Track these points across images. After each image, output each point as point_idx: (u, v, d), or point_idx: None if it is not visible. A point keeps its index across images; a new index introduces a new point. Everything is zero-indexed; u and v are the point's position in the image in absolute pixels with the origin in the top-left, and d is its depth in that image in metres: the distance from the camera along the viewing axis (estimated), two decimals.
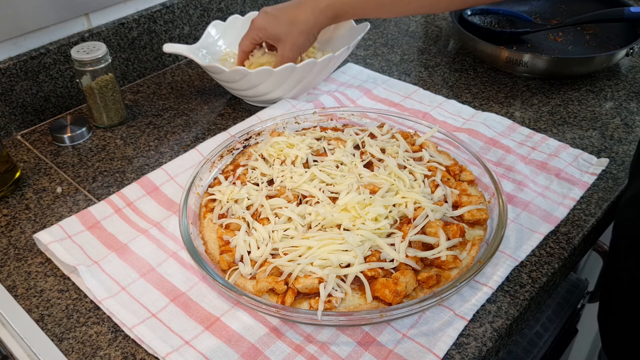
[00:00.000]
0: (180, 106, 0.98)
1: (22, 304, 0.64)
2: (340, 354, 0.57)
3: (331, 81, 1.01)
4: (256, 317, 0.61)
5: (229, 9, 1.14)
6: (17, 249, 0.71)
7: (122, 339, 0.60)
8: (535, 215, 0.72)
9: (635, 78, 1.01)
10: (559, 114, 0.92)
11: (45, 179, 0.83)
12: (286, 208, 0.67)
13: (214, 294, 0.64)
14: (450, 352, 0.58)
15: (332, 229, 0.65)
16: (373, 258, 0.61)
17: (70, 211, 0.76)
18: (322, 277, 0.59)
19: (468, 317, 0.60)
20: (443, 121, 0.89)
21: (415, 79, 1.02)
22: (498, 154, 0.82)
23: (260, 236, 0.64)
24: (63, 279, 0.67)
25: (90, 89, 0.88)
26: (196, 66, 1.09)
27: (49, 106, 0.95)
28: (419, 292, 0.61)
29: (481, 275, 0.65)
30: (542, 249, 0.69)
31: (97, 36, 0.96)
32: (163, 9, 1.03)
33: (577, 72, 0.98)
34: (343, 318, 0.57)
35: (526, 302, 0.63)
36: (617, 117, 0.90)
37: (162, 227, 0.72)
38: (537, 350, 0.89)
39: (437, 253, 0.62)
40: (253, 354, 0.57)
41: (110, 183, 0.81)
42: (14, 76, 0.88)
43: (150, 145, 0.89)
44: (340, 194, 0.68)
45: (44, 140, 0.91)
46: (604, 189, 0.77)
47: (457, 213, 0.68)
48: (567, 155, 0.81)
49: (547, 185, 0.77)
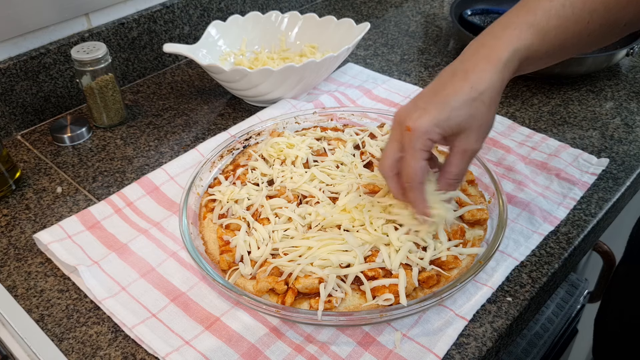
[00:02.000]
0: (180, 106, 0.98)
1: (22, 304, 0.64)
2: (340, 354, 0.57)
3: (331, 81, 1.01)
4: (256, 317, 0.61)
5: (229, 9, 1.14)
6: (17, 249, 0.71)
7: (122, 339, 0.60)
8: (535, 215, 0.72)
9: (636, 78, 1.01)
10: (559, 114, 0.92)
11: (45, 179, 0.83)
12: (286, 208, 0.67)
13: (214, 294, 0.64)
14: (450, 352, 0.58)
15: (332, 229, 0.65)
16: (373, 258, 0.61)
17: (70, 211, 0.76)
18: (323, 277, 0.59)
19: (468, 317, 0.60)
20: None
21: (416, 79, 1.02)
22: (498, 154, 0.82)
23: (261, 236, 0.64)
24: (63, 279, 0.67)
25: (90, 89, 0.88)
26: (196, 66, 1.09)
27: (49, 106, 0.95)
28: (419, 292, 0.61)
29: (481, 275, 0.65)
30: (542, 249, 0.69)
31: (97, 36, 0.96)
32: (163, 9, 1.03)
33: (577, 72, 0.98)
34: (343, 318, 0.57)
35: (526, 302, 0.63)
36: (617, 117, 0.90)
37: (162, 227, 0.72)
38: (536, 350, 0.89)
39: (437, 253, 0.62)
40: (253, 354, 0.57)
41: (110, 183, 0.81)
42: (14, 76, 0.88)
43: (150, 145, 0.89)
44: (340, 195, 0.68)
45: (44, 140, 0.91)
46: (604, 189, 0.77)
47: (457, 213, 0.68)
48: (567, 155, 0.81)
49: (547, 185, 0.77)
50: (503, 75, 0.57)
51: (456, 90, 0.56)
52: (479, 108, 0.56)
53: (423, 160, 0.56)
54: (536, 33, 0.58)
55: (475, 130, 0.57)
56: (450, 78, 0.57)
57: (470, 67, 0.57)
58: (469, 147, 0.57)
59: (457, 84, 0.56)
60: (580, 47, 0.62)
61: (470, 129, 0.57)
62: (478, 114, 0.56)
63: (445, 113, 0.55)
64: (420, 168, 0.57)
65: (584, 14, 0.58)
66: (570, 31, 0.59)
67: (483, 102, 0.56)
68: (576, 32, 0.59)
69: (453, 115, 0.55)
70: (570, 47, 0.61)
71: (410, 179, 0.57)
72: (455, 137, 0.57)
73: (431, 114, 0.55)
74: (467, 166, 0.60)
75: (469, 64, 0.57)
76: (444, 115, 0.55)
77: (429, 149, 0.57)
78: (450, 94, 0.56)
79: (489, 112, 0.57)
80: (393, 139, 0.58)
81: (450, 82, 0.57)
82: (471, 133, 0.57)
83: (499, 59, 0.57)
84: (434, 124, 0.55)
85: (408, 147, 0.56)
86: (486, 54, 0.57)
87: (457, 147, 0.58)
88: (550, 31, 0.58)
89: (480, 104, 0.56)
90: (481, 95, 0.56)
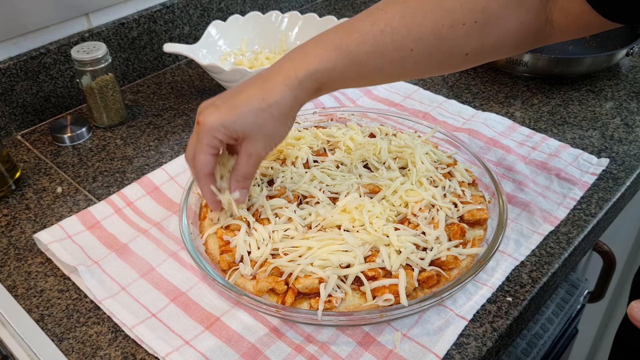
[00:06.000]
0: (180, 106, 0.98)
1: (22, 304, 0.64)
2: (340, 354, 0.57)
3: None
4: (256, 317, 0.61)
5: (229, 9, 1.14)
6: (17, 249, 0.71)
7: (122, 339, 0.60)
8: (535, 215, 0.72)
9: (635, 78, 1.01)
10: (559, 114, 0.92)
11: (45, 179, 0.83)
12: (286, 208, 0.67)
13: (214, 294, 0.64)
14: (450, 352, 0.58)
15: (332, 230, 0.65)
16: (373, 258, 0.61)
17: (70, 211, 0.76)
18: (323, 277, 0.59)
19: (468, 317, 0.60)
20: (443, 121, 0.89)
21: (416, 79, 1.02)
22: (498, 154, 0.82)
23: (261, 236, 0.64)
24: (63, 279, 0.67)
25: (90, 89, 0.88)
26: (196, 66, 1.09)
27: (49, 106, 0.95)
28: (419, 292, 0.61)
29: (481, 275, 0.65)
30: (542, 249, 0.69)
31: (97, 36, 0.96)
32: (163, 9, 1.03)
33: (577, 72, 0.98)
34: (343, 318, 0.57)
35: (526, 302, 0.63)
36: (617, 117, 0.90)
37: (162, 227, 0.72)
38: (536, 350, 0.89)
39: (437, 253, 0.62)
40: (253, 354, 0.57)
41: (110, 183, 0.81)
42: (14, 76, 0.88)
43: (150, 145, 0.89)
44: (340, 195, 0.68)
45: (44, 140, 0.91)
46: (604, 189, 0.77)
47: (458, 214, 0.68)
48: (567, 155, 0.81)
49: (547, 185, 0.77)
50: (297, 94, 0.59)
51: (249, 97, 0.58)
52: (265, 119, 0.58)
53: (209, 154, 0.60)
54: (342, 56, 0.58)
55: (261, 138, 0.60)
56: (251, 84, 0.60)
57: (269, 78, 0.59)
58: (254, 152, 0.60)
59: (252, 91, 0.59)
60: (409, 73, 0.62)
61: (256, 136, 0.59)
62: (264, 124, 0.59)
63: (232, 116, 0.58)
64: (205, 161, 0.60)
65: (407, 41, 0.58)
66: (388, 58, 0.59)
67: (271, 114, 0.58)
68: (396, 59, 0.59)
69: (239, 121, 0.58)
70: (393, 72, 0.61)
71: (197, 170, 0.61)
72: (243, 141, 0.60)
73: (221, 113, 0.58)
74: (253, 168, 0.62)
75: (270, 75, 0.59)
76: (232, 118, 0.58)
77: (215, 146, 0.59)
78: (243, 99, 0.58)
79: (276, 124, 0.59)
80: (193, 131, 0.61)
81: (248, 88, 0.59)
82: (257, 140, 0.60)
83: (295, 77, 0.58)
84: (220, 124, 0.58)
85: (198, 140, 0.59)
86: (287, 69, 0.59)
87: (244, 150, 0.61)
88: (362, 55, 0.58)
89: (268, 115, 0.58)
90: (269, 107, 0.58)
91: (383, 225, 0.63)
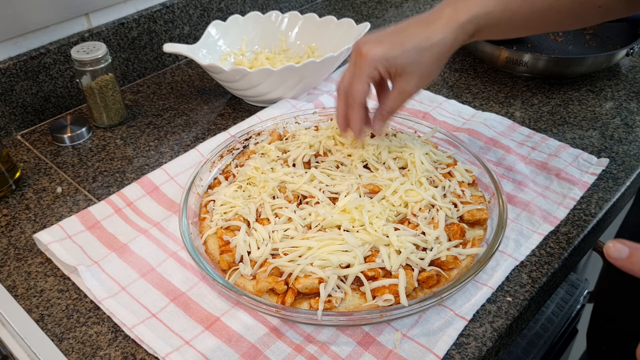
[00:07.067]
0: (180, 106, 0.98)
1: (22, 304, 0.64)
2: (340, 354, 0.57)
3: (331, 81, 1.01)
4: (256, 317, 0.61)
5: (229, 9, 1.14)
6: (17, 249, 0.71)
7: (122, 339, 0.60)
8: (535, 215, 0.72)
9: (635, 78, 1.01)
10: (559, 114, 0.92)
11: (45, 179, 0.83)
12: (286, 208, 0.67)
13: (214, 294, 0.64)
14: (450, 352, 0.58)
15: (332, 230, 0.65)
16: (373, 258, 0.61)
17: (70, 211, 0.76)
18: (323, 277, 0.59)
19: (468, 317, 0.60)
20: (443, 121, 0.89)
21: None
22: (498, 154, 0.82)
23: (260, 236, 0.64)
24: (63, 279, 0.67)
25: (90, 89, 0.88)
26: (196, 66, 1.09)
27: (49, 106, 0.95)
28: (419, 292, 0.61)
29: (481, 275, 0.65)
30: (542, 249, 0.69)
31: (97, 36, 0.96)
32: (163, 9, 1.03)
33: (577, 72, 0.98)
34: (343, 318, 0.57)
35: (526, 302, 0.63)
36: (617, 117, 0.90)
37: (162, 227, 0.72)
38: (536, 350, 0.89)
39: (437, 253, 0.62)
40: (253, 354, 0.57)
41: (110, 183, 0.81)
42: (14, 76, 0.88)
43: (150, 145, 0.89)
44: (340, 195, 0.68)
45: (44, 140, 0.91)
46: (604, 189, 0.77)
47: (457, 214, 0.68)
48: (567, 155, 0.81)
49: (547, 185, 0.77)
50: (457, 35, 0.64)
51: (413, 35, 0.63)
52: (425, 57, 0.63)
53: (367, 84, 0.64)
54: (499, 2, 0.64)
55: (417, 76, 0.64)
56: (413, 23, 0.65)
57: (432, 20, 0.64)
58: (407, 89, 0.65)
59: (416, 30, 0.64)
60: (549, 24, 0.67)
61: (413, 73, 0.64)
62: (424, 62, 0.63)
63: (396, 51, 0.63)
64: (363, 90, 0.64)
65: None
66: (538, 6, 0.64)
67: (432, 53, 0.63)
68: (544, 7, 0.64)
69: (403, 56, 0.63)
70: (538, 21, 0.66)
71: (352, 98, 0.65)
72: (398, 77, 0.64)
73: (385, 47, 0.63)
74: (401, 105, 0.67)
75: (432, 17, 0.64)
76: (395, 53, 0.63)
77: (374, 77, 0.64)
78: (407, 36, 0.63)
79: (433, 64, 0.64)
80: (351, 63, 0.66)
81: (412, 27, 0.64)
82: (412, 77, 0.64)
83: (457, 20, 0.63)
84: (383, 56, 0.62)
85: (358, 71, 0.64)
86: (449, 13, 0.64)
87: (397, 86, 0.65)
88: (516, 2, 0.64)
89: (429, 54, 0.63)
90: (432, 46, 0.63)
91: (383, 225, 0.63)
